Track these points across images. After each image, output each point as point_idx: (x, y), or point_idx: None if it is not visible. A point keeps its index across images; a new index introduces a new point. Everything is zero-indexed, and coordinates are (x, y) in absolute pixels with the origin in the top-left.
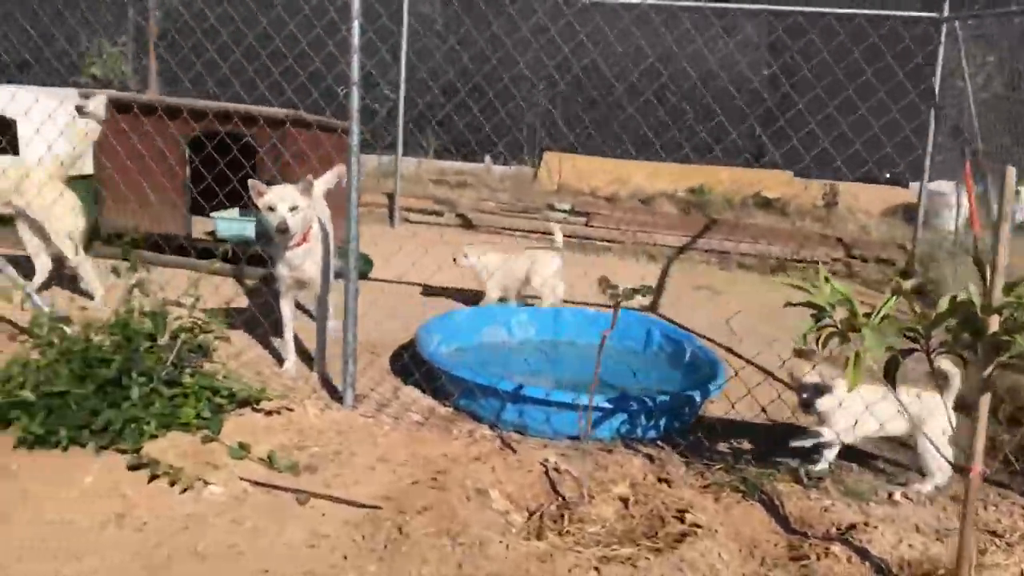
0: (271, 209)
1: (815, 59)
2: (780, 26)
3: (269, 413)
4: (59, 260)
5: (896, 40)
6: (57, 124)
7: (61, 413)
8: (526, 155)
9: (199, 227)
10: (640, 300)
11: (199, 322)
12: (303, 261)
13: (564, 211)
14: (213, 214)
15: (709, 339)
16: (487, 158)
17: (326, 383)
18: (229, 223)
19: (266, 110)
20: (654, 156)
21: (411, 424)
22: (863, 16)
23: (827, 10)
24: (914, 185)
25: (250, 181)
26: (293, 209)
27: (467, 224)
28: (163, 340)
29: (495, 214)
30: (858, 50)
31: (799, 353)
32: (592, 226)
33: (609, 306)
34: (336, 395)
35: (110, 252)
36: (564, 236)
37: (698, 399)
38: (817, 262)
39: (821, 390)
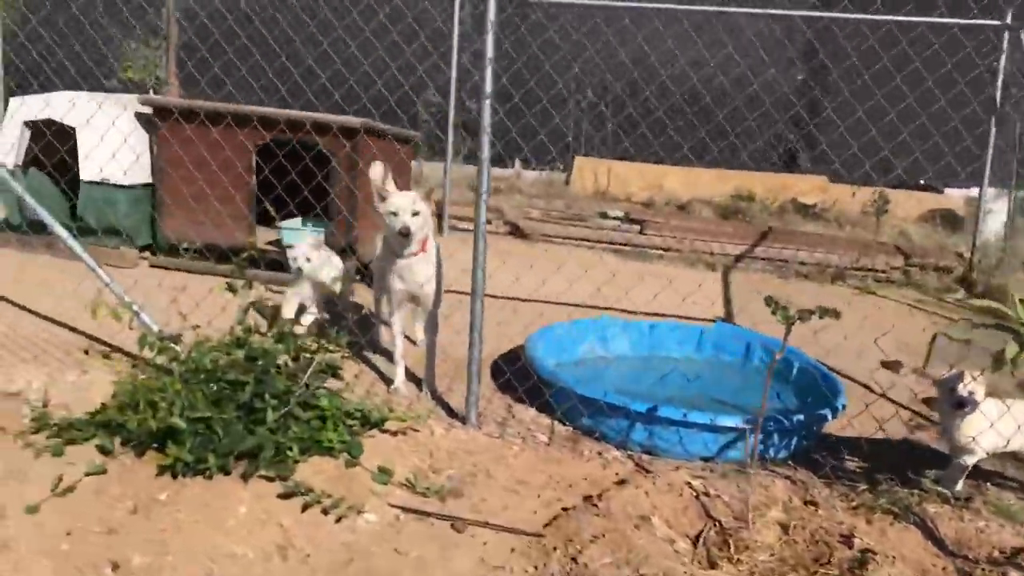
0: (394, 214)
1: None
2: (808, 31)
3: (395, 434)
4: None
5: (952, 47)
6: (122, 132)
7: (206, 439)
8: (556, 160)
9: (261, 237)
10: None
11: (324, 341)
12: (418, 272)
13: (617, 218)
14: (279, 223)
15: None
16: (516, 163)
17: (439, 401)
18: (296, 233)
19: (340, 118)
20: (683, 161)
21: (538, 444)
22: (925, 23)
23: (887, 17)
24: (949, 191)
25: (374, 185)
26: (415, 214)
27: (518, 232)
28: (283, 360)
29: (546, 222)
30: (885, 56)
31: (886, 365)
32: (646, 234)
33: (694, 318)
34: (451, 412)
35: (170, 262)
36: (619, 244)
37: (829, 417)
38: (875, 270)
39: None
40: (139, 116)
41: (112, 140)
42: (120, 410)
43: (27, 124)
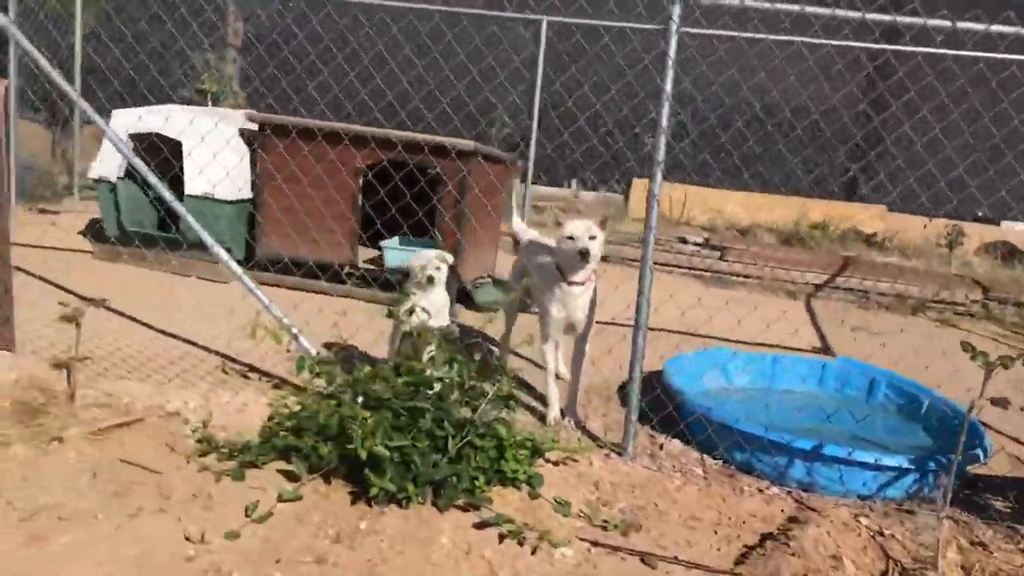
0: (571, 238)
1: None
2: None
3: (556, 464)
4: None
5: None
6: (228, 147)
7: (403, 468)
8: (614, 181)
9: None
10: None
11: (495, 368)
12: (582, 301)
13: (697, 244)
14: (381, 243)
15: None
16: (574, 183)
17: (582, 430)
18: (398, 252)
19: (454, 141)
20: (743, 186)
21: (695, 478)
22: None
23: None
24: (1006, 224)
25: (555, 211)
26: (592, 239)
27: None
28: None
29: (624, 245)
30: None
31: (995, 402)
32: (727, 260)
33: (789, 348)
34: (597, 441)
35: (267, 277)
36: (699, 270)
37: (981, 458)
38: (954, 303)
39: None
40: (242, 132)
41: (219, 155)
42: (296, 434)
43: (131, 136)
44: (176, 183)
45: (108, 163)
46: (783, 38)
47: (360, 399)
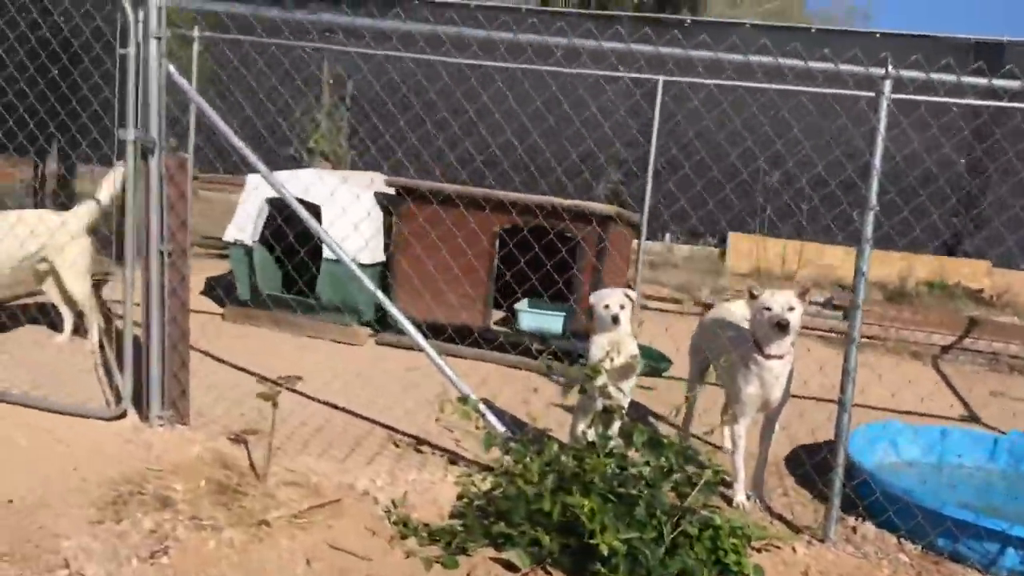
0: (768, 309)
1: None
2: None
3: (758, 551)
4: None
5: None
6: (365, 210)
7: (633, 562)
8: (708, 235)
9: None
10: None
11: (693, 449)
12: (779, 377)
13: (818, 303)
14: (516, 306)
15: None
16: (667, 236)
17: (769, 511)
18: (533, 316)
19: (593, 205)
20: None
21: (904, 567)
22: None
23: None
24: None
25: (749, 285)
26: (791, 310)
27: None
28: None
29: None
30: None
31: None
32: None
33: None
34: (788, 524)
35: (399, 340)
36: (823, 331)
37: None
38: None
39: None
40: (377, 195)
41: (356, 218)
42: (502, 518)
43: (268, 201)
44: (301, 244)
45: (244, 226)
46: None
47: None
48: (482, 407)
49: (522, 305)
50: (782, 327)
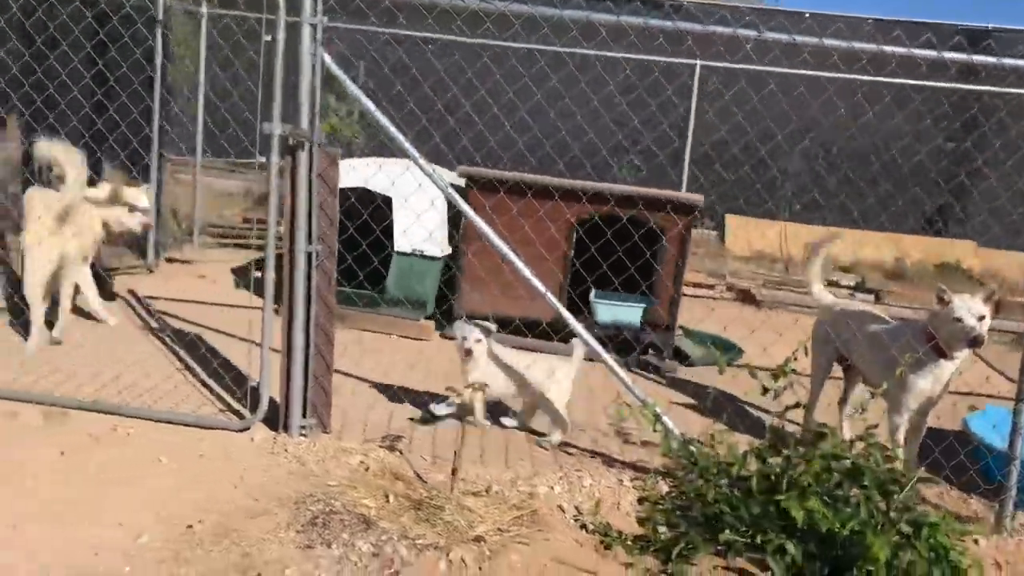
0: (958, 320)
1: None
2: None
3: None
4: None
5: None
6: (439, 207)
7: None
8: (704, 218)
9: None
10: None
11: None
12: (951, 375)
13: (850, 287)
14: (592, 298)
15: None
16: None
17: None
18: (610, 307)
19: (678, 195)
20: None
21: None
22: None
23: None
24: None
25: (939, 287)
26: (981, 319)
27: (748, 299)
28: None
29: (779, 288)
30: None
31: None
32: (883, 303)
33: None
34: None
35: None
36: None
37: None
38: None
39: None
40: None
41: (425, 212)
42: (710, 523)
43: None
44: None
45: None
46: (868, 78)
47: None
48: (659, 411)
49: (598, 296)
50: (974, 342)
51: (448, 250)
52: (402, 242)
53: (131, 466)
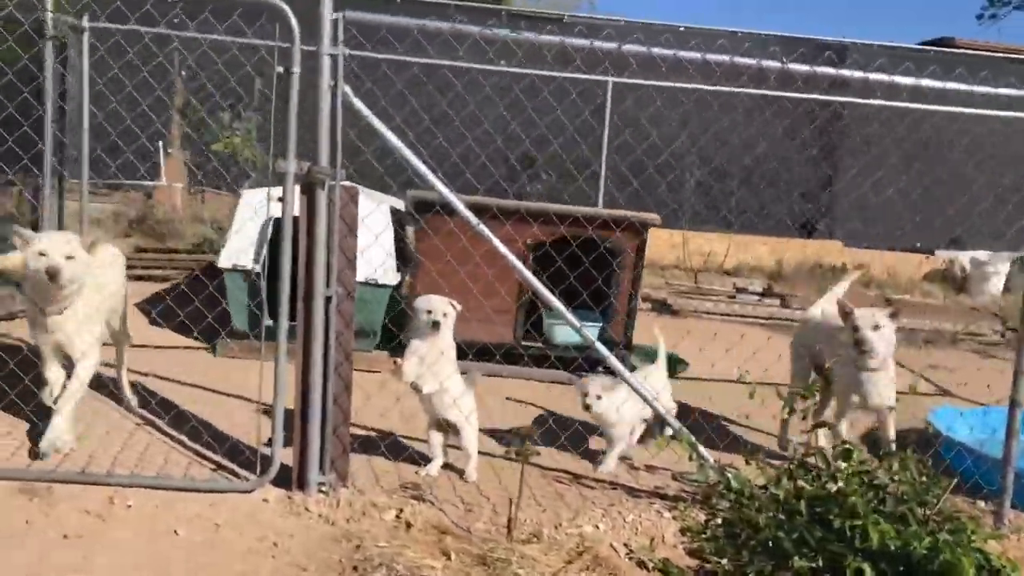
0: (855, 329)
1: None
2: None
3: None
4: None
5: None
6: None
7: None
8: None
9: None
10: None
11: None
12: (881, 385)
13: (758, 293)
14: (546, 319)
15: None
16: None
17: None
18: (565, 328)
19: (637, 215)
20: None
21: None
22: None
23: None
24: (939, 252)
25: (840, 301)
26: (876, 329)
27: (666, 309)
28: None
29: (691, 297)
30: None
31: None
32: (790, 307)
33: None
34: None
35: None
36: (764, 318)
37: None
38: (983, 334)
39: None
40: (393, 211)
41: (381, 237)
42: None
43: (274, 221)
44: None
45: (244, 250)
46: (747, 91)
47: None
48: (693, 440)
49: (551, 317)
50: (858, 344)
51: (397, 278)
52: (360, 271)
53: (149, 544)
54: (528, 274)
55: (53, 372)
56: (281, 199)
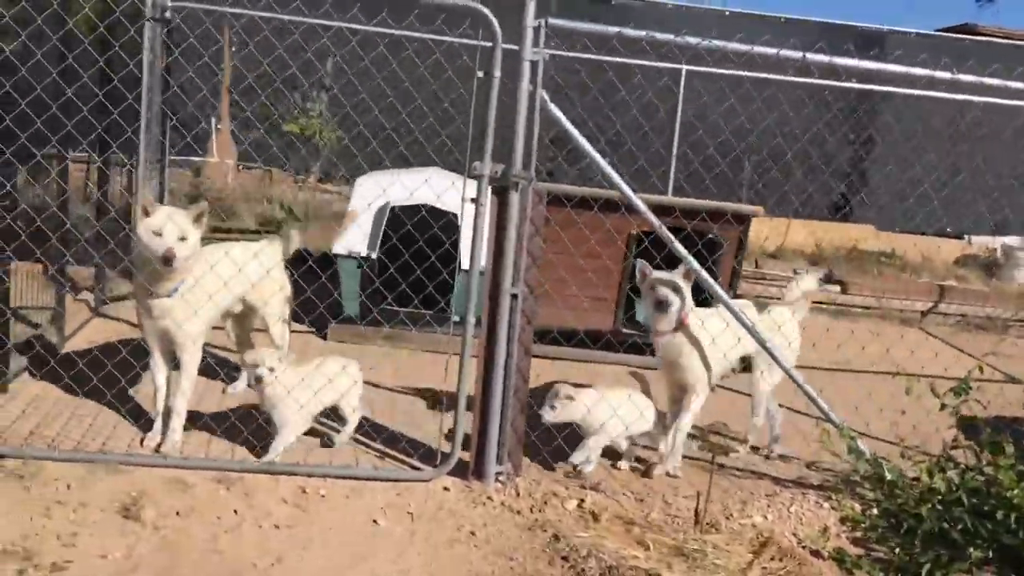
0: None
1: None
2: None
3: None
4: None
5: None
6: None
7: None
8: None
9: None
10: None
11: None
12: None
13: (819, 279)
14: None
15: None
16: None
17: None
18: None
19: (737, 206)
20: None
21: None
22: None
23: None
24: (975, 239)
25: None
26: (675, 291)
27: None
28: None
29: (755, 282)
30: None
31: None
32: (849, 293)
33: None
34: None
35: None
36: (820, 303)
37: None
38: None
39: None
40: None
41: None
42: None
43: (392, 208)
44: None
45: (359, 237)
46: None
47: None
48: (853, 434)
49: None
50: (660, 304)
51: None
52: (467, 260)
53: (356, 534)
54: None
55: (160, 369)
56: (474, 200)
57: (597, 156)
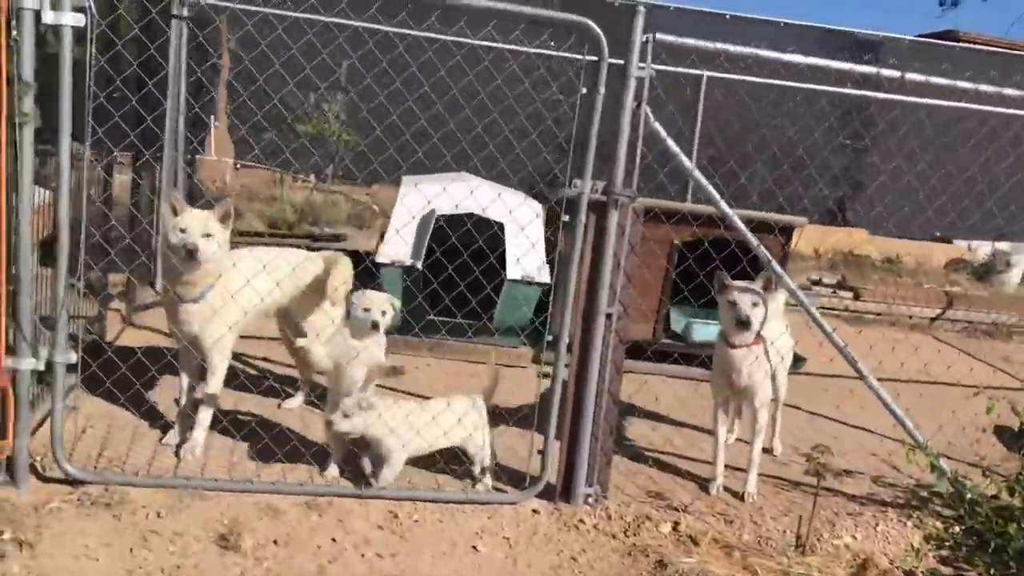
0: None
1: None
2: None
3: None
4: None
5: None
6: (537, 228)
7: None
8: None
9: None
10: None
11: None
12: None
13: (832, 286)
14: (688, 318)
15: None
16: None
17: None
18: (706, 327)
19: (782, 217)
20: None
21: None
22: None
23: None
24: (958, 243)
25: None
26: (755, 306)
27: None
28: None
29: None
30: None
31: None
32: (862, 300)
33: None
34: None
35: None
36: (838, 310)
37: None
38: None
39: None
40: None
41: (536, 236)
42: None
43: (437, 217)
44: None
45: (401, 245)
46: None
47: None
48: (934, 451)
49: (685, 316)
50: (742, 324)
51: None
52: (515, 270)
53: (459, 560)
54: None
55: (186, 376)
56: (570, 219)
57: (698, 173)
